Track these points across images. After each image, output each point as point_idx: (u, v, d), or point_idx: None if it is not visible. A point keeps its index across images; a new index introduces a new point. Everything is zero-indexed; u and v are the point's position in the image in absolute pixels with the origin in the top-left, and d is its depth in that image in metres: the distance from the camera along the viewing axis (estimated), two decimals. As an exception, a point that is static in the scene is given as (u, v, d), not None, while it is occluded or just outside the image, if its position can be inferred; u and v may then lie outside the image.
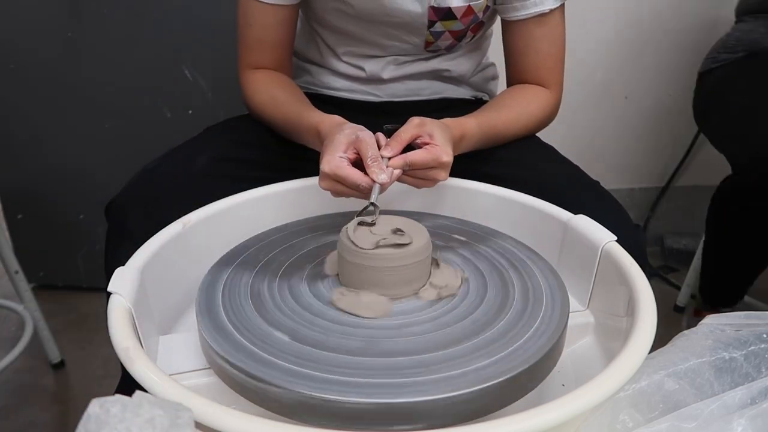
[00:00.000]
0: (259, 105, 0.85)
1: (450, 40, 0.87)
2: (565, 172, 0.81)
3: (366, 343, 0.50)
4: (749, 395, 0.42)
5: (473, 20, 0.85)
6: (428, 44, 0.87)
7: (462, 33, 0.86)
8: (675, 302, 1.62)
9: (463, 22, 0.84)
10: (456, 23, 0.84)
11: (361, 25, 0.86)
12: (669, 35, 1.75)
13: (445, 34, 0.85)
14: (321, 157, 0.64)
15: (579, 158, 0.85)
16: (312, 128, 0.73)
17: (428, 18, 0.83)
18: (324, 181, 0.63)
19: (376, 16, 0.83)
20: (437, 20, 0.83)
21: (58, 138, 1.51)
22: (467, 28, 0.86)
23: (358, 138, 0.63)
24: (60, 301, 1.63)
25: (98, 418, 0.33)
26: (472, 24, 0.85)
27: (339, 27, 0.88)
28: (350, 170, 0.62)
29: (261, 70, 0.87)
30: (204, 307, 0.55)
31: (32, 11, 1.39)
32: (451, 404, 0.44)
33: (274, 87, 0.85)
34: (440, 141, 0.65)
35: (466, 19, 0.84)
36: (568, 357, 0.58)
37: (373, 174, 0.61)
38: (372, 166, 0.61)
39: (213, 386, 0.51)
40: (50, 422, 1.26)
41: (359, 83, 0.93)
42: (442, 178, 0.66)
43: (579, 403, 0.40)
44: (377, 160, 0.62)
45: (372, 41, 0.88)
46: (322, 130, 0.70)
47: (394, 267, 0.55)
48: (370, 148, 0.62)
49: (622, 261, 0.58)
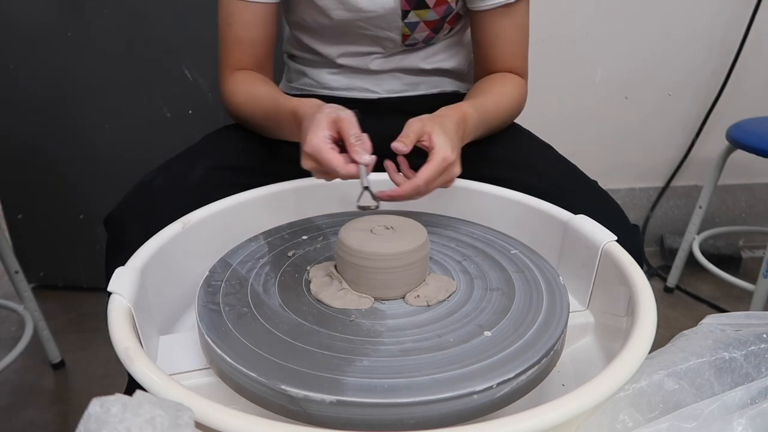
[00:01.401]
0: (239, 105, 0.85)
1: (426, 31, 0.87)
2: (564, 172, 0.81)
3: (367, 344, 0.50)
4: (749, 395, 0.42)
5: (448, 10, 0.85)
6: (405, 38, 0.87)
7: (438, 24, 0.87)
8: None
9: (437, 12, 0.85)
10: (430, 12, 0.84)
11: (338, 28, 0.86)
12: (669, 35, 1.75)
13: (420, 25, 0.86)
14: (302, 136, 0.63)
15: (579, 158, 0.85)
16: (290, 114, 0.72)
17: (401, 8, 0.83)
18: (306, 161, 0.62)
19: (354, 19, 0.84)
20: (410, 9, 0.84)
21: (58, 138, 1.51)
22: (443, 18, 0.86)
23: (339, 117, 0.62)
24: (60, 301, 1.63)
25: (98, 418, 0.33)
26: (447, 15, 0.86)
27: (318, 31, 0.89)
28: (331, 153, 0.60)
29: (240, 72, 0.87)
30: (204, 306, 0.55)
31: (32, 11, 1.39)
32: (450, 404, 0.44)
33: (251, 85, 0.85)
34: (438, 141, 0.64)
35: (440, 8, 0.84)
36: (568, 357, 0.58)
37: (356, 154, 0.59)
38: (355, 145, 0.60)
39: (213, 386, 0.51)
40: (50, 422, 1.26)
41: (355, 78, 0.93)
42: (456, 173, 0.65)
43: (579, 403, 0.40)
44: (360, 138, 0.60)
45: (351, 41, 0.89)
46: (299, 112, 0.69)
47: (386, 268, 0.55)
48: (352, 127, 0.61)
49: (622, 261, 0.58)
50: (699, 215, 1.64)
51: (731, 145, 1.50)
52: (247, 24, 0.84)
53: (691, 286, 1.75)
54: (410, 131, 0.64)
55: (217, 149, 0.85)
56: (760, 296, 1.43)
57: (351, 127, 0.61)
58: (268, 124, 0.81)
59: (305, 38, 0.92)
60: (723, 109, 1.81)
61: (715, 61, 1.80)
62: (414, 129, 0.65)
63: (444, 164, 0.63)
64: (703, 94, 1.83)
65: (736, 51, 1.75)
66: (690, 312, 1.64)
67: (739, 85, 1.80)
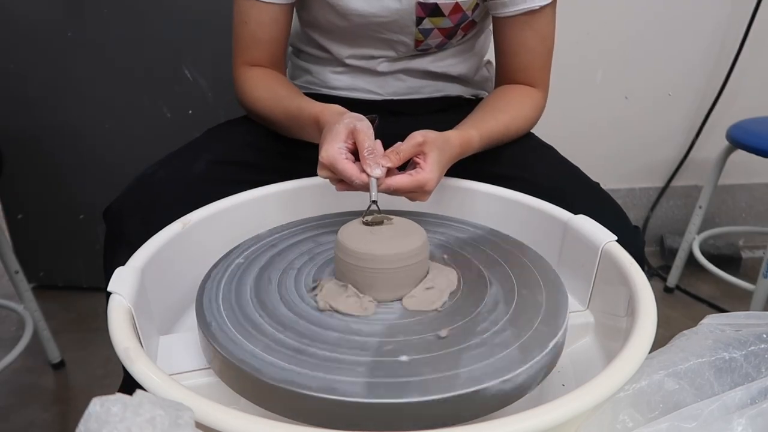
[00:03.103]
0: (258, 101, 0.85)
1: (440, 38, 0.87)
2: (565, 173, 0.81)
3: (368, 344, 0.50)
4: (749, 395, 0.42)
5: (463, 18, 0.85)
6: (418, 43, 0.87)
7: (452, 31, 0.86)
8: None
9: (452, 20, 0.84)
10: (444, 20, 0.84)
11: (353, 30, 0.86)
12: (670, 35, 1.75)
13: (434, 31, 0.85)
14: (320, 145, 0.64)
15: (579, 158, 0.85)
16: (313, 119, 0.72)
17: (416, 14, 0.83)
18: (321, 171, 0.63)
19: (367, 24, 0.84)
20: (425, 16, 0.83)
21: (58, 138, 1.51)
22: (457, 26, 0.86)
23: (356, 128, 0.63)
24: (60, 301, 1.63)
25: (99, 417, 0.33)
26: (462, 22, 0.85)
27: (332, 32, 0.88)
28: (346, 164, 0.61)
29: (257, 67, 0.87)
30: (204, 306, 0.55)
31: (32, 11, 1.39)
32: (450, 404, 0.44)
33: (273, 82, 0.85)
34: (430, 167, 0.64)
35: (455, 16, 0.84)
36: (568, 357, 0.58)
37: (368, 167, 0.61)
38: (368, 158, 0.61)
39: (213, 386, 0.51)
40: (50, 422, 1.26)
41: (360, 78, 0.93)
42: (422, 200, 0.66)
43: (579, 403, 0.40)
44: (373, 152, 0.61)
45: (364, 43, 0.88)
46: (322, 119, 0.70)
47: (385, 270, 0.55)
48: (367, 139, 0.62)
49: (622, 261, 0.58)
50: (699, 215, 1.65)
51: (731, 145, 1.50)
52: (264, 24, 0.85)
53: (691, 286, 1.75)
54: (409, 146, 0.64)
55: (219, 144, 0.85)
56: (760, 296, 1.43)
57: (366, 139, 0.62)
58: (290, 124, 0.81)
59: (316, 36, 0.92)
60: (723, 109, 1.81)
61: (715, 61, 1.80)
62: (413, 144, 0.65)
63: (419, 188, 0.64)
64: (703, 94, 1.83)
65: (736, 51, 1.75)
66: (690, 312, 1.64)
67: (739, 85, 1.80)
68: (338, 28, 0.87)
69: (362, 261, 0.55)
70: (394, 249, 0.56)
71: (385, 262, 0.55)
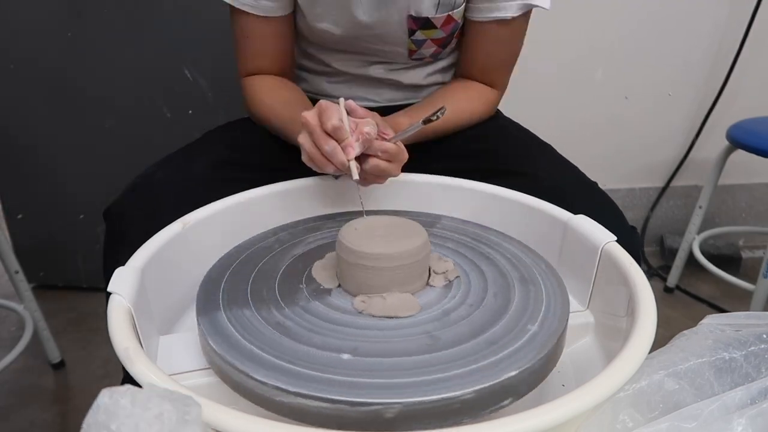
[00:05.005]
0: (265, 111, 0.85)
1: (433, 47, 0.87)
2: (564, 173, 0.81)
3: (363, 344, 0.50)
4: (749, 395, 0.42)
5: (455, 27, 0.85)
6: (411, 53, 0.87)
7: (446, 40, 0.86)
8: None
9: (445, 30, 0.84)
10: (437, 32, 0.84)
11: (345, 41, 0.86)
12: (669, 35, 1.75)
13: (427, 42, 0.85)
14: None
15: (579, 158, 0.85)
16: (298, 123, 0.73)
17: (407, 27, 0.83)
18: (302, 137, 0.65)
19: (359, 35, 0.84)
20: (417, 29, 0.83)
21: (58, 138, 1.51)
22: (450, 35, 0.86)
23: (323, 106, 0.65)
24: (60, 301, 1.63)
25: (107, 409, 0.33)
26: (456, 30, 0.86)
27: (325, 44, 0.88)
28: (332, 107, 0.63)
29: (264, 76, 0.87)
30: (204, 307, 0.55)
31: (32, 11, 1.39)
32: (450, 405, 0.44)
33: (281, 91, 0.86)
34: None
35: (447, 27, 0.84)
36: (568, 357, 0.58)
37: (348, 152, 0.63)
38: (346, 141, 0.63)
39: (213, 386, 0.51)
40: (50, 422, 1.26)
41: (356, 87, 0.93)
42: (395, 174, 0.68)
43: (579, 403, 0.40)
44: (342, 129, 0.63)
45: (358, 53, 0.89)
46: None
47: (385, 269, 0.55)
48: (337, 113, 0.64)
49: (621, 261, 0.58)
50: (699, 215, 1.64)
51: (731, 145, 1.50)
52: (267, 36, 0.85)
53: (691, 286, 1.75)
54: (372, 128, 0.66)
55: (219, 144, 0.85)
56: (760, 296, 1.43)
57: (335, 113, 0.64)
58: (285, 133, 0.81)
59: (311, 50, 0.92)
60: (723, 109, 1.81)
61: (715, 61, 1.80)
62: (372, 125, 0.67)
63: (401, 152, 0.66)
64: (703, 94, 1.83)
65: (736, 51, 1.75)
66: (690, 312, 1.64)
67: (739, 85, 1.80)
68: (328, 39, 0.87)
69: (363, 260, 0.55)
70: (395, 248, 0.56)
71: (386, 261, 0.55)
